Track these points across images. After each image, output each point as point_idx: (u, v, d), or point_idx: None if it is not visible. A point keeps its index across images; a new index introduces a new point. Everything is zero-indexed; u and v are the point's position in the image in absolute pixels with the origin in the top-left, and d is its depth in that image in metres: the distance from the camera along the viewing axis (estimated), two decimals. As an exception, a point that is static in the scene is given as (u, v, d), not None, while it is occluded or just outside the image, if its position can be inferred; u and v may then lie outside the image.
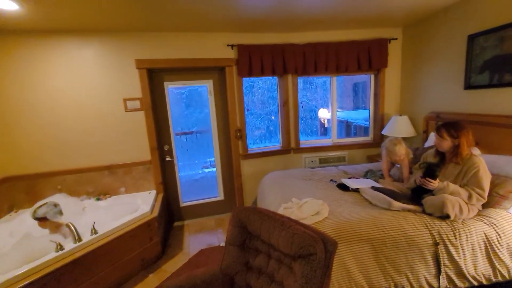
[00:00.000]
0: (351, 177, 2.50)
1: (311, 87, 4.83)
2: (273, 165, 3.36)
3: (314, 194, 2.15)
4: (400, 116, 3.04)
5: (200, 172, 3.61)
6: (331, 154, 3.45)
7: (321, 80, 4.12)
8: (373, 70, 3.31)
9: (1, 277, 1.55)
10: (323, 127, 4.84)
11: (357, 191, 2.15)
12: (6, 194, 2.56)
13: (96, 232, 2.06)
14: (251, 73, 3.01)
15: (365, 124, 3.88)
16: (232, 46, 2.96)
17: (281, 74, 3.15)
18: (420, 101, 3.07)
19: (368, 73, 3.42)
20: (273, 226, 1.40)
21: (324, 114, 4.51)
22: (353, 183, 2.22)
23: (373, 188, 2.05)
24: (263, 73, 3.04)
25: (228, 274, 1.51)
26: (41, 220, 2.04)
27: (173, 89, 3.11)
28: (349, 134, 4.87)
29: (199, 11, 2.27)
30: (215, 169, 3.39)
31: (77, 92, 2.66)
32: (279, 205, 1.98)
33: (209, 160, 3.47)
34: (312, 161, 3.42)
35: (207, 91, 3.16)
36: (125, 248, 2.16)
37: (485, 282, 1.59)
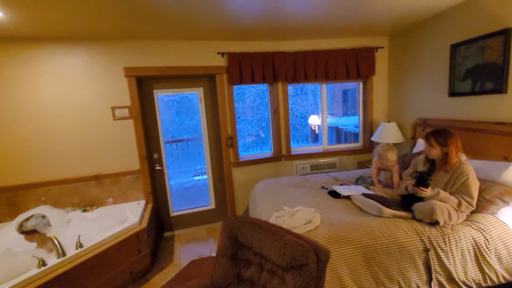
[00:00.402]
0: (342, 184, 2.51)
1: (302, 93, 4.87)
2: (264, 173, 3.35)
3: (305, 201, 2.14)
4: (388, 122, 3.10)
5: (190, 180, 3.56)
6: (322, 160, 3.47)
7: (311, 86, 4.17)
8: (361, 77, 3.38)
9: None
10: (314, 134, 4.88)
11: (348, 198, 2.16)
12: (-15, 207, 2.45)
13: (81, 245, 1.98)
14: (241, 81, 3.02)
15: (355, 130, 3.93)
16: (222, 54, 2.97)
17: (271, 81, 3.17)
18: (407, 108, 3.14)
19: (356, 81, 3.49)
20: (265, 236, 1.38)
21: (314, 120, 4.56)
22: (344, 190, 2.23)
23: (364, 195, 2.06)
24: (253, 81, 3.06)
25: (219, 286, 1.47)
26: (29, 233, 1.95)
27: (164, 96, 3.08)
28: (340, 140, 4.92)
29: (188, 20, 2.27)
30: (206, 177, 3.34)
31: (63, 100, 2.59)
32: (271, 214, 1.96)
33: (200, 167, 3.43)
34: (303, 168, 3.42)
35: (198, 98, 3.14)
36: (112, 261, 2.09)
37: (475, 287, 1.60)
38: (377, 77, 3.39)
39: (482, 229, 1.63)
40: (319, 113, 3.53)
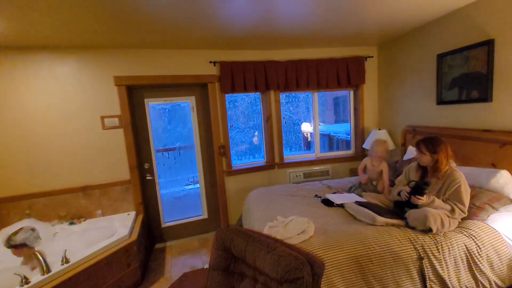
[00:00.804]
0: (336, 192, 2.51)
1: (294, 100, 4.91)
2: (258, 181, 3.32)
3: (299, 211, 2.12)
4: (379, 130, 3.15)
5: (183, 189, 3.49)
6: (315, 168, 3.47)
7: (303, 93, 4.20)
8: (352, 86, 3.43)
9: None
10: (306, 141, 4.90)
11: (341, 206, 2.15)
12: (-35, 222, 2.34)
13: (67, 261, 1.90)
14: (233, 90, 3.02)
15: (347, 137, 3.97)
16: (214, 63, 2.97)
17: (263, 90, 3.18)
18: (397, 115, 3.20)
19: (347, 89, 3.54)
20: (258, 248, 1.35)
21: (307, 128, 4.58)
22: (337, 199, 2.23)
23: (357, 203, 2.06)
24: (245, 89, 3.06)
25: (212, 302, 1.43)
26: (17, 247, 1.86)
27: (155, 104, 3.05)
28: (332, 147, 4.95)
29: (180, 29, 2.27)
30: (198, 186, 3.29)
31: (50, 109, 2.52)
32: (265, 224, 1.93)
33: (192, 176, 3.37)
34: (296, 176, 3.42)
35: (190, 107, 3.12)
36: (100, 277, 2.01)
37: (468, 294, 1.61)
38: (367, 86, 3.45)
39: (473, 236, 1.65)
40: (311, 120, 3.55)
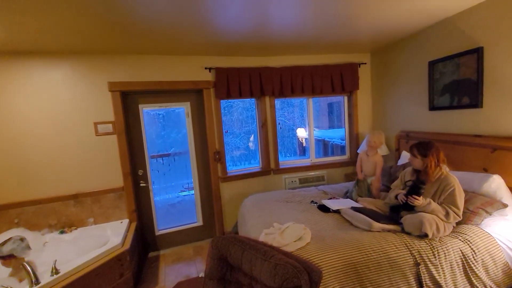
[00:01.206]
0: (331, 198, 2.51)
1: (289, 106, 4.92)
2: (253, 187, 3.30)
3: (295, 217, 2.11)
4: (373, 135, 3.17)
5: (177, 196, 3.45)
6: (310, 173, 3.47)
7: (298, 99, 4.23)
8: (346, 92, 3.47)
9: None
10: (302, 147, 4.92)
11: (338, 212, 2.15)
12: (-51, 232, 2.25)
13: (57, 271, 1.84)
14: (229, 96, 3.02)
15: (341, 142, 3.99)
16: (209, 69, 2.97)
17: (258, 96, 3.19)
18: (391, 121, 3.24)
19: (341, 95, 3.58)
20: (255, 256, 1.33)
21: (302, 133, 4.60)
22: (333, 204, 2.23)
23: (354, 208, 2.06)
24: (241, 95, 3.06)
25: (207, 312, 1.39)
26: (6, 258, 1.80)
27: (149, 110, 3.02)
28: (327, 153, 4.97)
29: (176, 36, 2.27)
30: (193, 192, 3.25)
31: (41, 115, 2.47)
32: (261, 231, 1.91)
33: (187, 183, 3.33)
34: (292, 182, 3.41)
35: (185, 113, 3.10)
36: (92, 287, 1.94)
37: (465, 300, 1.61)
38: (361, 92, 3.49)
39: (468, 241, 1.66)
40: (306, 126, 3.57)
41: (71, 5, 1.60)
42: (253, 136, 3.56)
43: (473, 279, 1.60)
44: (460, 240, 1.67)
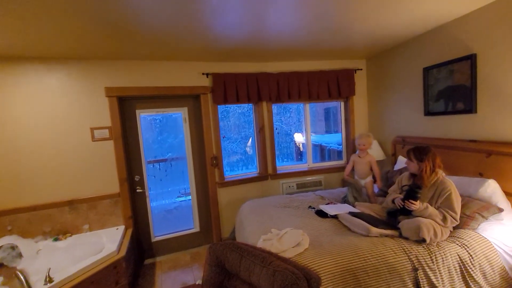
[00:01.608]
0: (329, 203, 2.51)
1: (285, 111, 4.94)
2: (251, 192, 3.29)
3: (293, 222, 2.11)
4: (370, 140, 3.19)
5: (174, 201, 3.42)
6: (308, 178, 3.48)
7: (295, 104, 4.25)
8: (342, 97, 3.50)
9: None
10: (299, 152, 4.92)
11: (335, 217, 2.15)
12: None
13: (51, 280, 1.80)
14: (226, 101, 3.03)
15: (338, 147, 4.01)
16: (207, 74, 2.99)
17: (256, 101, 3.20)
18: (387, 126, 3.27)
19: (338, 100, 3.61)
20: (253, 263, 1.32)
21: (299, 138, 4.62)
22: (331, 210, 2.23)
23: (351, 213, 2.06)
24: (238, 101, 3.08)
25: (205, 321, 1.37)
26: None
27: (146, 115, 3.01)
28: (324, 158, 4.98)
29: (173, 41, 2.28)
30: (190, 198, 3.23)
31: (37, 121, 2.45)
32: (259, 237, 1.90)
33: (184, 188, 3.31)
34: (289, 187, 3.41)
35: (182, 118, 3.10)
36: (86, 296, 1.90)
37: (463, 305, 1.61)
38: (357, 97, 3.53)
39: (466, 245, 1.67)
40: (303, 131, 3.58)
41: (67, 10, 1.60)
42: (250, 141, 3.56)
43: (471, 283, 1.61)
44: (457, 244, 1.68)
